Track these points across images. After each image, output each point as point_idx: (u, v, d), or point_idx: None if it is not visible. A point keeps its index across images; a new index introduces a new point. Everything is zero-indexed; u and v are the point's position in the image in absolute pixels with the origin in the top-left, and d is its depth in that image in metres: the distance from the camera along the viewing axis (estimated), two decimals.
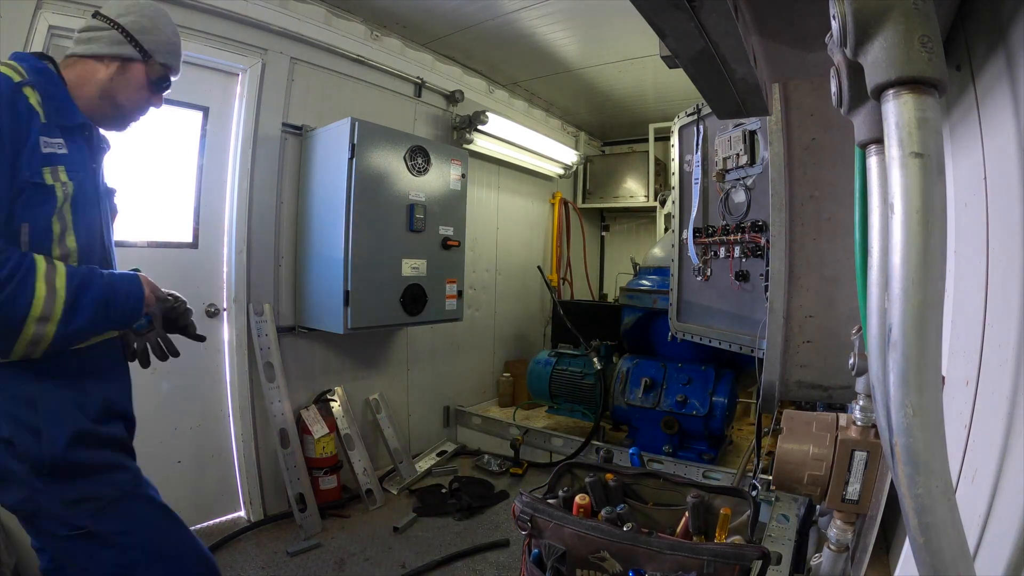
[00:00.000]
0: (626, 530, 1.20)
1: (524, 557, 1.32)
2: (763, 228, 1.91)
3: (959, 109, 0.81)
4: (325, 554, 2.51)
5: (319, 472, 2.86)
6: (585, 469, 1.56)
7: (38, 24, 2.08)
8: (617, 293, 4.18)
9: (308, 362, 3.05)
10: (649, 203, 4.96)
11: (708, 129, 2.24)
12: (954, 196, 0.82)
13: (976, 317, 0.72)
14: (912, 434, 0.43)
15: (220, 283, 2.76)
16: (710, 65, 0.77)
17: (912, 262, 0.43)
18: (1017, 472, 0.57)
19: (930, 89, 0.45)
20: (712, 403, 2.81)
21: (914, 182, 0.43)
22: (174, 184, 2.62)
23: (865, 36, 0.47)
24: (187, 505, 2.63)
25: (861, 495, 0.94)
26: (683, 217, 2.44)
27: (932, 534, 0.43)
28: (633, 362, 3.15)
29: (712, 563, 1.07)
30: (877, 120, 0.56)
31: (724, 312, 2.19)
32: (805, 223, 1.59)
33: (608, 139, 5.82)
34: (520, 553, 1.42)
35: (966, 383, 0.73)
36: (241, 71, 2.72)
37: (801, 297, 1.60)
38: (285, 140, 2.90)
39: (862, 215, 0.76)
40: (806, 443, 0.97)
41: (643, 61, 3.71)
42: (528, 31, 3.33)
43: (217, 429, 2.75)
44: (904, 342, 0.43)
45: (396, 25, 3.34)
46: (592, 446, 3.05)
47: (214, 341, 2.74)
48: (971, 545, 0.61)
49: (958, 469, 0.72)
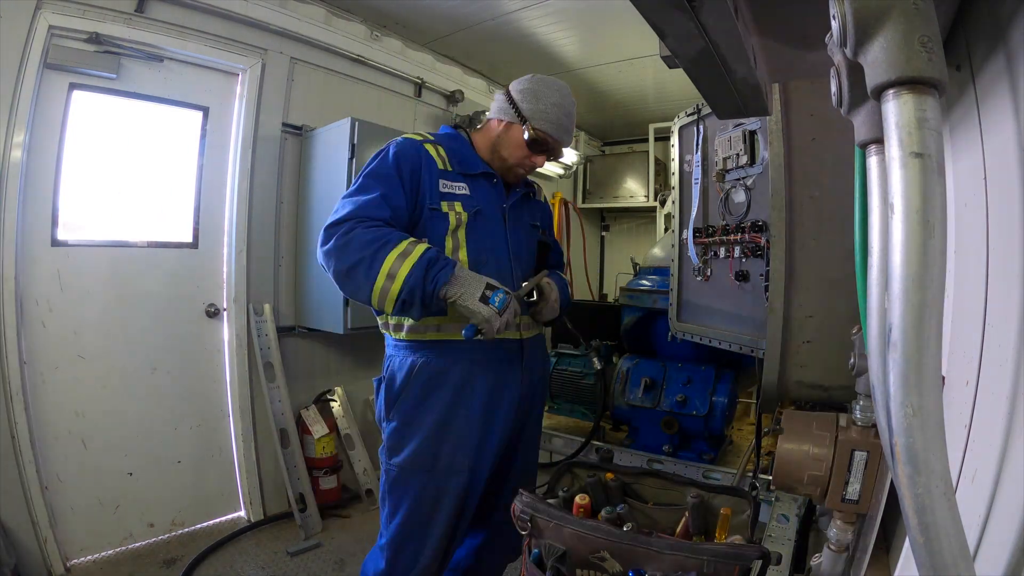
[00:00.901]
0: (626, 530, 1.20)
1: (524, 557, 1.32)
2: (763, 228, 1.91)
3: (959, 109, 0.81)
4: (325, 554, 2.51)
5: (319, 472, 2.86)
6: (585, 469, 1.56)
7: (38, 24, 2.08)
8: (617, 293, 4.17)
9: (308, 362, 3.05)
10: (649, 203, 4.96)
11: (708, 129, 2.23)
12: (954, 196, 0.82)
13: (976, 317, 0.71)
14: (912, 434, 0.43)
15: (220, 283, 2.76)
16: (710, 65, 0.77)
17: (912, 262, 0.43)
18: (1017, 472, 0.57)
19: (930, 89, 0.45)
20: (712, 403, 2.80)
21: (914, 182, 0.43)
22: (174, 184, 2.62)
23: (865, 36, 0.47)
24: (187, 505, 2.64)
25: (861, 495, 0.94)
26: (683, 217, 2.44)
27: (932, 534, 0.42)
28: (633, 362, 3.15)
29: (712, 563, 1.07)
30: (877, 120, 0.56)
31: (724, 312, 2.19)
32: (805, 223, 1.59)
33: (608, 139, 5.82)
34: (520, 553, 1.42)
35: (966, 383, 0.73)
36: (241, 71, 2.72)
37: (801, 297, 1.60)
38: (285, 140, 2.90)
39: (862, 215, 0.76)
40: (806, 443, 0.97)
41: (643, 61, 3.71)
42: (528, 31, 3.33)
43: (217, 429, 2.76)
44: (904, 342, 0.43)
45: (396, 25, 3.34)
46: (592, 446, 3.05)
47: (214, 341, 2.74)
48: (971, 545, 0.61)
49: (958, 469, 0.72)
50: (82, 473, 2.31)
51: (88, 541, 2.33)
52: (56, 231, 2.26)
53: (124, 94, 2.40)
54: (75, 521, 2.29)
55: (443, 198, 1.47)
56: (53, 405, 2.25)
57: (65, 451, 2.27)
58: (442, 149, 1.53)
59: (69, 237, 2.30)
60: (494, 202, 1.56)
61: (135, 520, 2.47)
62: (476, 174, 1.55)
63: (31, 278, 2.19)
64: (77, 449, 2.31)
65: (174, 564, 2.34)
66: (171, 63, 2.51)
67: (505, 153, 1.57)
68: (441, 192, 1.47)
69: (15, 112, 2.05)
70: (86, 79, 2.27)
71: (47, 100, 2.18)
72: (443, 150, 1.53)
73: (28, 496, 2.11)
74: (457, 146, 1.57)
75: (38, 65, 2.09)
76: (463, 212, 1.48)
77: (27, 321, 2.17)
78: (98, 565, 2.30)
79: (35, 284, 2.20)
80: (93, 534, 2.35)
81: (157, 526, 2.54)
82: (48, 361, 2.24)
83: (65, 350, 2.28)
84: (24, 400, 2.12)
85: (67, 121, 2.25)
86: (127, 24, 2.31)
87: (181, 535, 2.58)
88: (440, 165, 1.50)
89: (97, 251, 2.39)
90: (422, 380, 1.48)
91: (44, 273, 2.23)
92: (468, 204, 1.50)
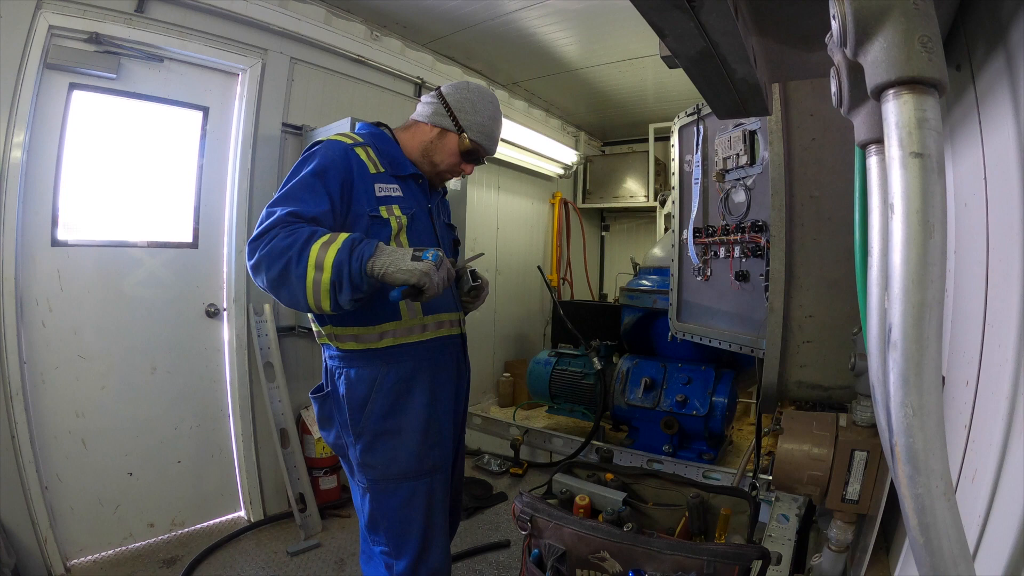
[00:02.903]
0: (626, 530, 1.20)
1: (524, 557, 1.32)
2: (763, 228, 1.91)
3: (959, 109, 0.81)
4: (325, 554, 2.51)
5: (319, 472, 2.86)
6: (585, 469, 1.56)
7: (38, 24, 2.08)
8: (617, 293, 4.17)
9: (308, 362, 3.05)
10: (649, 203, 4.96)
11: (708, 129, 2.23)
12: (954, 196, 0.82)
13: (976, 317, 0.72)
14: (912, 434, 0.43)
15: (220, 283, 2.76)
16: (710, 65, 0.77)
17: (912, 262, 0.43)
18: (1017, 472, 0.57)
19: (930, 89, 0.45)
20: (712, 403, 2.80)
21: (914, 182, 0.43)
22: (174, 184, 2.62)
23: (865, 36, 0.47)
24: (187, 505, 2.64)
25: (861, 495, 0.94)
26: (683, 217, 2.44)
27: (932, 534, 0.42)
28: (633, 362, 3.15)
29: (712, 563, 1.07)
30: (877, 120, 0.56)
31: (724, 312, 2.19)
32: (805, 223, 1.59)
33: (608, 139, 5.82)
34: (520, 553, 1.42)
35: (966, 383, 0.73)
36: (241, 71, 2.72)
37: (801, 297, 1.60)
38: (285, 140, 2.90)
39: (862, 215, 0.76)
40: (806, 443, 0.97)
41: (643, 61, 3.71)
42: (528, 31, 3.33)
43: (217, 429, 2.76)
44: (904, 342, 0.43)
45: (396, 25, 3.34)
46: (592, 446, 3.05)
47: (214, 341, 2.74)
48: (971, 545, 0.61)
49: (958, 469, 0.72)
50: (82, 473, 2.31)
51: (88, 541, 2.33)
52: (56, 231, 2.26)
53: (124, 94, 2.39)
54: (75, 521, 2.29)
55: (380, 202, 1.44)
56: (53, 405, 2.25)
57: (65, 451, 2.27)
58: (371, 151, 1.49)
59: (69, 237, 2.30)
60: (421, 203, 1.57)
61: (135, 520, 2.47)
62: (406, 176, 1.55)
63: (31, 278, 2.19)
64: (77, 449, 2.31)
65: (174, 564, 2.34)
66: (171, 63, 2.51)
67: (437, 159, 1.58)
68: (378, 196, 1.44)
69: (15, 112, 2.05)
70: (86, 79, 2.27)
71: (47, 100, 2.18)
72: (372, 152, 1.49)
73: (28, 496, 2.11)
74: (385, 147, 1.55)
75: (38, 65, 2.09)
76: (402, 215, 1.47)
77: (27, 321, 2.17)
78: (98, 565, 2.30)
79: (35, 284, 2.20)
80: (93, 534, 2.35)
81: (157, 526, 2.54)
82: (48, 361, 2.24)
83: (65, 350, 2.28)
84: (24, 400, 2.12)
85: (67, 121, 2.25)
86: (127, 24, 2.31)
87: (181, 535, 2.58)
88: (372, 169, 1.47)
89: (97, 251, 2.39)
90: (386, 388, 1.44)
91: (44, 273, 2.23)
92: (404, 206, 1.49)
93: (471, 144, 1.56)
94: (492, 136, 1.61)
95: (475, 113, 1.57)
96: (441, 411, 1.51)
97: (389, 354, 1.44)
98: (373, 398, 1.43)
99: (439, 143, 1.57)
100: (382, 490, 1.44)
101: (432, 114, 1.57)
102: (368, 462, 1.44)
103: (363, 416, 1.43)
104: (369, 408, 1.43)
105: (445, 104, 1.56)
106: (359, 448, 1.44)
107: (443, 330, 1.54)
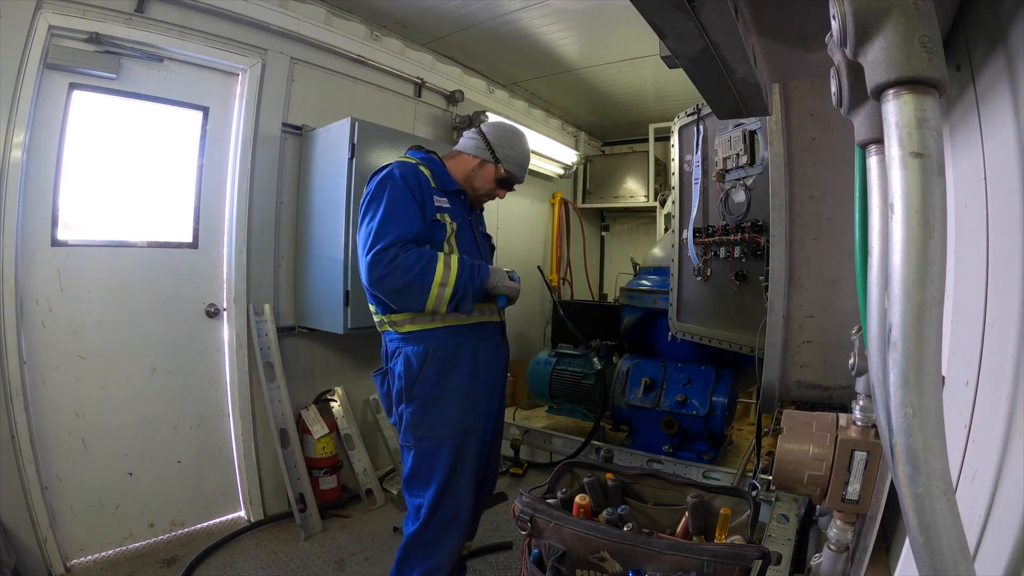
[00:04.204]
0: (626, 530, 1.20)
1: (524, 557, 1.32)
2: (763, 228, 1.91)
3: (959, 109, 0.81)
4: (325, 554, 2.51)
5: (319, 472, 2.86)
6: (585, 469, 1.56)
7: (38, 24, 2.08)
8: (617, 293, 4.17)
9: (308, 362, 3.05)
10: (649, 203, 4.96)
11: (708, 129, 2.23)
12: (954, 196, 0.82)
13: (976, 317, 0.71)
14: (912, 434, 0.43)
15: (220, 283, 2.76)
16: (710, 65, 0.77)
17: (912, 262, 0.43)
18: (1017, 472, 0.57)
19: (930, 89, 0.45)
20: (712, 403, 2.80)
21: (914, 182, 0.43)
22: (174, 184, 2.62)
23: (865, 36, 0.47)
24: (187, 505, 2.64)
25: (861, 495, 0.94)
26: (683, 217, 2.44)
27: (932, 534, 0.42)
28: (633, 362, 3.15)
29: (712, 563, 1.07)
30: (877, 120, 0.56)
31: (724, 312, 2.19)
32: (805, 223, 1.59)
33: (608, 139, 5.82)
34: (520, 554, 1.42)
35: (966, 383, 0.73)
36: (241, 71, 2.72)
37: (801, 297, 1.60)
38: (285, 140, 2.90)
39: (862, 215, 0.76)
40: (806, 443, 0.97)
41: (643, 61, 3.71)
42: (528, 31, 3.33)
43: (217, 429, 2.76)
44: (904, 342, 0.43)
45: (396, 25, 3.34)
46: (592, 446, 3.05)
47: (214, 341, 2.74)
48: (971, 545, 0.61)
49: (958, 469, 0.72)
50: (82, 473, 2.31)
51: (88, 541, 2.33)
52: (56, 231, 2.26)
53: (124, 94, 2.40)
54: (75, 521, 2.29)
55: (438, 210, 1.80)
56: (53, 405, 2.25)
57: (65, 451, 2.27)
58: (427, 170, 1.84)
59: (69, 237, 2.30)
60: (464, 215, 1.92)
61: (135, 520, 2.47)
62: (452, 191, 1.89)
63: (31, 278, 2.19)
64: (77, 449, 2.31)
65: (174, 564, 2.34)
66: (171, 63, 2.51)
67: (477, 184, 1.95)
68: (436, 206, 1.80)
69: (15, 112, 2.05)
70: (86, 79, 2.27)
71: (47, 100, 2.18)
72: (427, 171, 1.84)
73: (28, 496, 2.11)
74: (437, 169, 1.90)
75: (38, 65, 2.09)
76: (452, 222, 1.82)
77: (27, 321, 2.17)
78: (98, 565, 2.30)
79: (35, 284, 2.20)
80: (93, 534, 2.35)
81: (157, 526, 2.54)
82: (48, 361, 2.24)
83: (65, 350, 2.28)
84: (24, 400, 2.12)
85: (67, 121, 2.25)
86: (127, 24, 2.31)
87: (181, 535, 2.58)
88: (432, 184, 1.82)
89: (97, 251, 2.39)
90: (437, 362, 1.76)
91: (44, 273, 2.23)
92: (453, 215, 1.84)
93: (505, 173, 1.94)
94: (523, 167, 2.00)
95: (510, 148, 1.94)
96: (479, 383, 1.83)
97: (438, 334, 1.78)
98: (425, 370, 1.75)
99: (479, 171, 1.94)
100: (424, 447, 1.75)
101: (475, 147, 1.94)
102: (416, 422, 1.75)
103: (415, 385, 1.75)
104: (421, 377, 1.75)
105: (486, 140, 1.93)
106: (410, 411, 1.76)
107: (484, 316, 1.88)
